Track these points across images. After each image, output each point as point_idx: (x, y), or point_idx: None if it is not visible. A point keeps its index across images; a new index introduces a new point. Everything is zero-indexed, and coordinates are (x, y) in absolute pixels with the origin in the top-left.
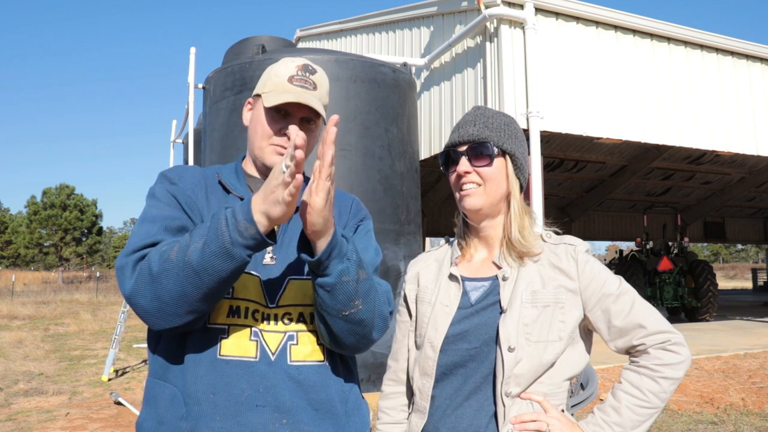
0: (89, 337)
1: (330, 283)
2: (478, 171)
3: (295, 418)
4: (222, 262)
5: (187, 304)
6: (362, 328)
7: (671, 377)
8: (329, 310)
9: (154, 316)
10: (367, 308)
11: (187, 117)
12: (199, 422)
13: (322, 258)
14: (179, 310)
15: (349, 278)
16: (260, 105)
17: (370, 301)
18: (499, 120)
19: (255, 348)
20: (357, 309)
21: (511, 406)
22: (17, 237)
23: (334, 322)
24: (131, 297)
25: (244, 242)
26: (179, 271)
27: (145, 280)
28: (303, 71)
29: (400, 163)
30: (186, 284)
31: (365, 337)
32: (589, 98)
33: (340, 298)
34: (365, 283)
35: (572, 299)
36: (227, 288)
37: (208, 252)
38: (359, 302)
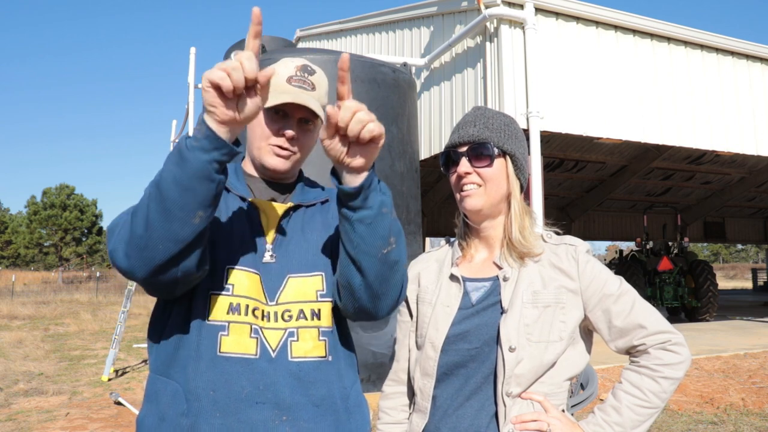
0: (89, 337)
1: (371, 215)
2: (479, 172)
3: (295, 415)
4: (177, 167)
5: (153, 228)
6: (395, 273)
7: (671, 377)
8: (367, 248)
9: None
10: (400, 249)
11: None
12: (199, 419)
13: (365, 185)
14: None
15: (388, 210)
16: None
17: (402, 242)
18: (499, 120)
19: (255, 345)
20: (392, 247)
21: (512, 406)
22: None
23: (371, 264)
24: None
25: (198, 144)
26: (146, 196)
27: (125, 226)
28: (302, 72)
29: (400, 163)
30: (150, 203)
31: (394, 288)
32: (589, 98)
33: (380, 231)
34: (397, 223)
35: (573, 299)
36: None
37: (168, 161)
38: (394, 240)
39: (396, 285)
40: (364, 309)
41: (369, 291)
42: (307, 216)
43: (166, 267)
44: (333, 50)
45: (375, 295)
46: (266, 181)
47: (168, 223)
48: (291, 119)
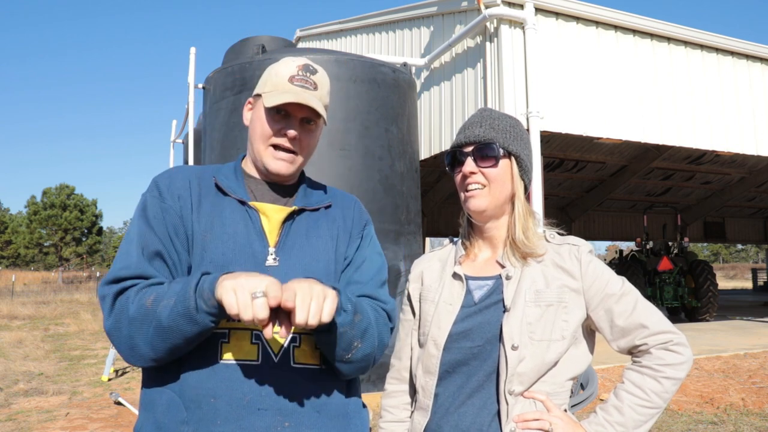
0: (89, 337)
1: (329, 338)
2: (484, 172)
3: (297, 420)
4: (186, 323)
5: (155, 351)
6: (365, 362)
7: (673, 377)
8: (331, 356)
9: (126, 355)
10: (368, 344)
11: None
12: (200, 426)
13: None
14: (148, 355)
15: (347, 328)
16: (260, 105)
17: (368, 337)
18: (505, 122)
19: (256, 351)
20: (357, 349)
21: (515, 405)
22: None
23: (338, 365)
24: (110, 334)
25: (208, 310)
26: (150, 322)
27: (123, 322)
28: (304, 71)
29: (400, 163)
30: (155, 336)
31: (368, 367)
32: (589, 98)
33: (341, 345)
34: (361, 322)
35: (575, 299)
36: (194, 345)
37: (176, 312)
38: (358, 342)
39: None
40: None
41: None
42: (311, 221)
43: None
44: (333, 50)
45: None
46: (267, 183)
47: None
48: (293, 119)
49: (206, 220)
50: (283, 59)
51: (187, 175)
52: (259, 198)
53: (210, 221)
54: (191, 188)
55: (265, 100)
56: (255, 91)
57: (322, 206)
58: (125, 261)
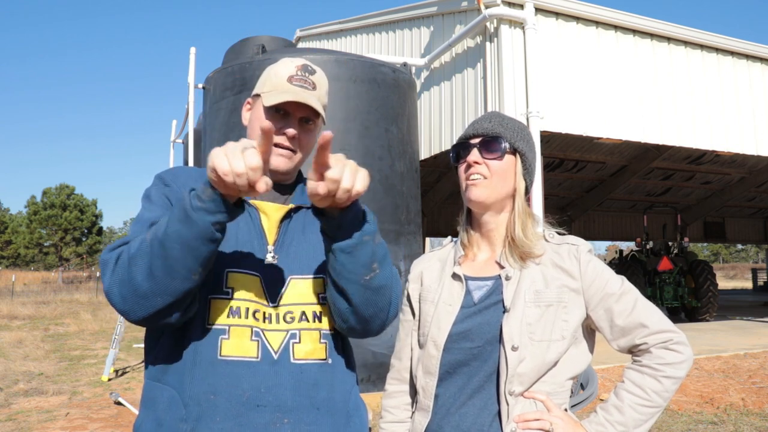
0: (89, 337)
1: (351, 244)
2: (488, 164)
3: (296, 417)
4: (183, 226)
5: (154, 280)
6: (380, 297)
7: (673, 376)
8: (349, 275)
9: (128, 301)
10: (385, 274)
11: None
12: (199, 423)
13: (346, 219)
14: (149, 290)
15: (369, 238)
16: (259, 105)
17: (387, 267)
18: (514, 123)
19: (256, 348)
20: (376, 273)
21: (515, 405)
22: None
23: (354, 290)
24: (109, 289)
25: (203, 206)
26: (149, 247)
27: (123, 267)
28: (302, 71)
29: (400, 163)
30: (153, 257)
31: (382, 311)
32: (589, 98)
33: (362, 259)
34: (381, 247)
35: (575, 298)
36: (196, 264)
37: (172, 218)
38: (377, 266)
39: (383, 308)
40: (354, 330)
41: (356, 315)
42: (308, 217)
43: (161, 315)
44: (333, 50)
45: (363, 319)
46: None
47: (170, 280)
48: (292, 118)
49: None
50: (281, 60)
51: (190, 173)
52: (258, 197)
53: None
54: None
55: (265, 99)
56: (254, 91)
57: None
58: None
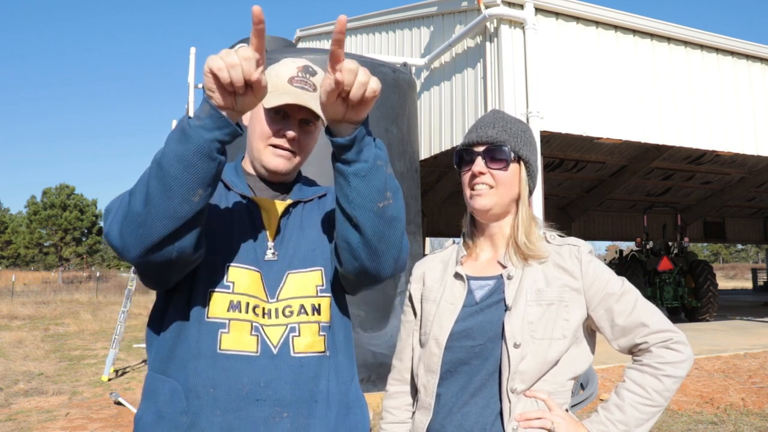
0: (89, 337)
1: (366, 167)
2: (493, 173)
3: (295, 411)
4: (179, 144)
5: (152, 204)
6: (394, 230)
7: (674, 375)
8: (363, 201)
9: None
10: (397, 206)
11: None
12: (199, 416)
13: (358, 137)
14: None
15: (383, 163)
16: (260, 105)
17: (399, 199)
18: (517, 126)
19: (256, 343)
20: (389, 202)
21: (517, 403)
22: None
23: (367, 218)
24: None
25: (200, 123)
26: (147, 173)
27: (123, 205)
28: (303, 72)
29: (400, 163)
30: (151, 180)
31: (395, 247)
32: (589, 98)
33: (376, 184)
34: (393, 179)
35: (576, 298)
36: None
37: (170, 139)
38: (390, 195)
39: (395, 243)
40: (365, 269)
41: (368, 248)
42: (305, 211)
43: (162, 245)
44: None
45: (374, 253)
46: (265, 182)
47: (168, 200)
48: (292, 120)
49: (213, 209)
50: (283, 60)
51: None
52: (258, 194)
53: (212, 211)
54: None
55: (265, 101)
56: None
57: (315, 196)
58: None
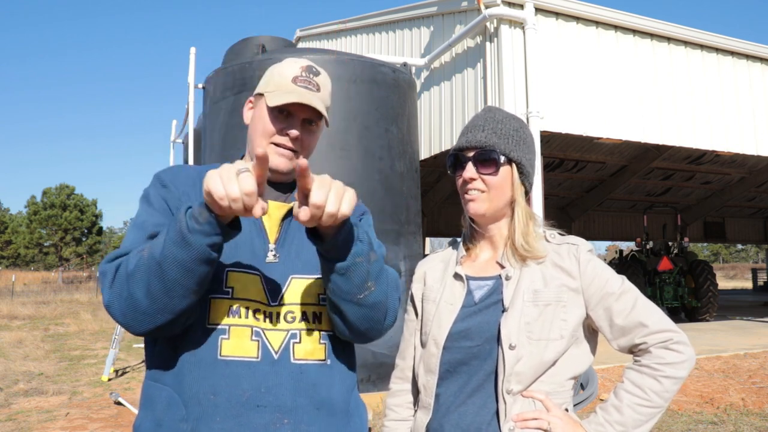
0: (89, 337)
1: (344, 266)
2: (484, 179)
3: (296, 417)
4: (179, 249)
5: (154, 301)
6: (375, 312)
7: (673, 376)
8: (343, 294)
9: (129, 317)
10: (380, 290)
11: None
12: (199, 423)
13: (337, 242)
14: (149, 308)
15: (362, 259)
16: (263, 104)
17: (382, 282)
18: (509, 125)
19: (256, 348)
20: (370, 291)
21: (513, 404)
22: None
23: (349, 308)
24: (109, 304)
25: (200, 228)
26: (146, 266)
27: (122, 283)
28: (307, 72)
29: (400, 163)
30: (151, 277)
31: (378, 323)
32: (589, 98)
33: (355, 280)
34: (377, 265)
35: (574, 298)
36: (192, 283)
37: (168, 241)
38: (372, 284)
39: (378, 321)
40: (351, 339)
41: (351, 330)
42: None
43: (163, 329)
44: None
45: (358, 332)
46: (267, 182)
47: (168, 299)
48: (295, 119)
49: None
50: (286, 60)
51: (189, 173)
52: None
53: None
54: (194, 185)
55: (269, 99)
56: (257, 90)
57: None
58: (128, 241)
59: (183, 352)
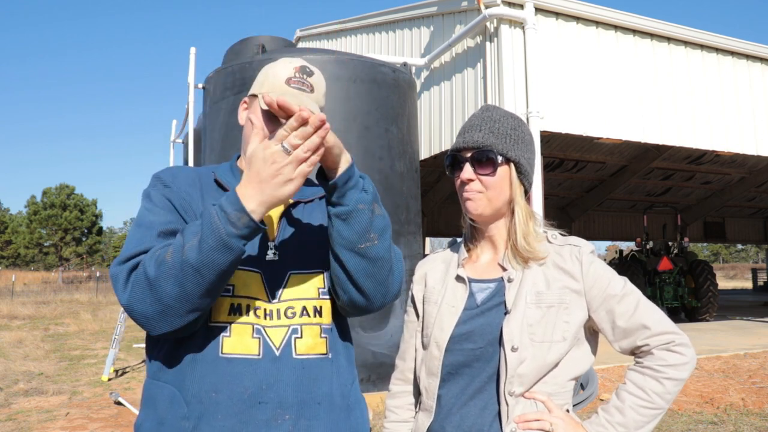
0: (89, 337)
1: (346, 210)
2: (481, 179)
3: (297, 413)
4: (221, 255)
5: (189, 302)
6: (379, 269)
7: (675, 378)
8: (344, 242)
9: (156, 320)
10: (383, 246)
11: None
12: (201, 421)
13: (338, 183)
14: (181, 310)
15: (365, 206)
16: (257, 105)
17: (386, 239)
18: (506, 124)
19: (258, 345)
20: (372, 243)
21: (515, 406)
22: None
23: (350, 258)
24: (129, 306)
25: (239, 232)
26: (178, 272)
27: (143, 287)
28: (300, 73)
29: (400, 163)
30: (187, 283)
31: (382, 284)
32: (589, 98)
33: (356, 227)
34: (381, 220)
35: (576, 300)
36: (226, 281)
37: (206, 247)
38: (375, 236)
39: (382, 281)
40: (353, 302)
41: (353, 284)
42: (306, 212)
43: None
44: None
45: (359, 289)
46: None
47: (206, 299)
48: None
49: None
50: (280, 60)
51: (188, 173)
52: None
53: None
54: (194, 185)
55: (261, 101)
56: (251, 91)
57: (316, 197)
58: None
59: (185, 350)
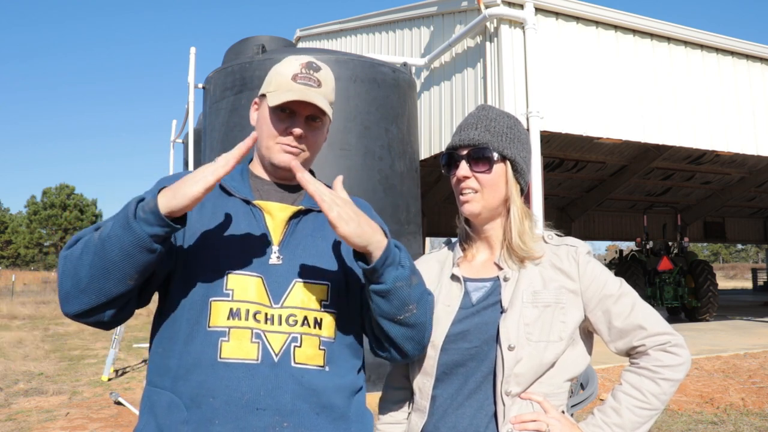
0: (89, 337)
1: (385, 289)
2: (477, 177)
3: (296, 421)
4: (122, 231)
5: (91, 279)
6: (417, 332)
7: (671, 379)
8: (385, 315)
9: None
10: (422, 311)
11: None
12: (199, 426)
13: (377, 266)
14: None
15: (403, 284)
16: (266, 105)
17: (423, 304)
18: (502, 123)
19: (257, 350)
20: (412, 313)
21: (511, 406)
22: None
23: (391, 327)
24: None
25: (144, 216)
26: (94, 245)
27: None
28: (307, 69)
29: (400, 163)
30: (95, 255)
31: (420, 343)
32: (589, 98)
33: (396, 303)
34: (418, 288)
35: (573, 300)
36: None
37: (117, 222)
38: (413, 306)
39: (420, 341)
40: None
41: (395, 348)
42: (318, 222)
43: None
44: (333, 50)
45: (401, 351)
46: (276, 183)
47: (104, 281)
48: (298, 117)
49: (207, 218)
50: (286, 58)
51: None
52: (264, 197)
53: (210, 220)
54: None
55: (270, 99)
56: (260, 91)
57: None
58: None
59: (184, 354)
